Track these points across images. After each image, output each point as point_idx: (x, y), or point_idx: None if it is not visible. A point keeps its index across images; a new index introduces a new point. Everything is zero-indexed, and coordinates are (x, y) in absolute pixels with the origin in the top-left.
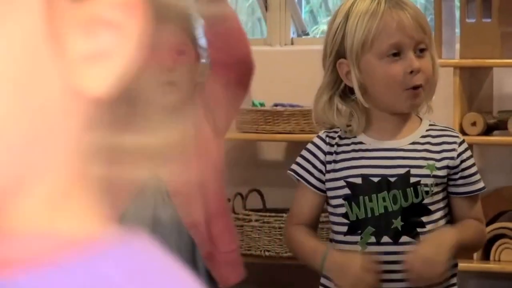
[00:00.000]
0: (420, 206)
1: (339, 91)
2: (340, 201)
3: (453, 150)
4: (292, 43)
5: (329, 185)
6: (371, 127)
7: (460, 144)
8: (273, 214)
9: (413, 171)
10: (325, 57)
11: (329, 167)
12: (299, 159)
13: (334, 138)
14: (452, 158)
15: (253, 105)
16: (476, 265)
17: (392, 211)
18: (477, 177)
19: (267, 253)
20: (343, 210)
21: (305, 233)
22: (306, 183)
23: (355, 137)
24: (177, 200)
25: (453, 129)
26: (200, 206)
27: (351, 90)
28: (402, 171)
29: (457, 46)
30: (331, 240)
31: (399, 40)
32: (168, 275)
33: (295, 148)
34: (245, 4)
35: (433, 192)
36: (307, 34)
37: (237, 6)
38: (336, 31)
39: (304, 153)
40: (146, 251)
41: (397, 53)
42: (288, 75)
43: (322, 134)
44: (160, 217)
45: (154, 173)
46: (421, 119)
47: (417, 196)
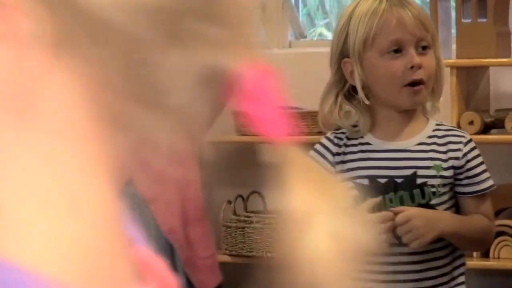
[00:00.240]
0: (427, 207)
1: (344, 91)
2: None
3: (459, 150)
4: (290, 46)
5: None
6: (377, 127)
7: (466, 143)
8: (274, 216)
9: (419, 172)
10: (331, 57)
11: (337, 167)
12: None
13: (342, 139)
14: (457, 158)
15: None
16: (475, 262)
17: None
18: (484, 176)
19: (268, 254)
20: None
21: None
22: None
23: (362, 137)
24: (154, 206)
25: (460, 129)
26: (177, 212)
27: (355, 90)
28: (408, 172)
29: (454, 46)
30: None
31: (399, 37)
32: None
33: None
34: None
35: (440, 193)
36: (305, 37)
37: None
38: (340, 32)
39: (312, 154)
40: None
41: (398, 50)
42: (287, 77)
43: (330, 135)
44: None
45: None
46: (428, 119)
47: (423, 197)
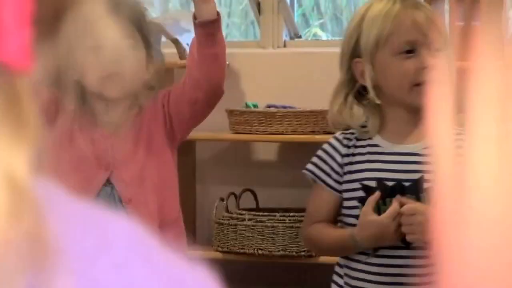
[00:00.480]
0: None
1: (354, 91)
2: (354, 203)
3: None
4: (285, 46)
5: (345, 186)
6: (386, 128)
7: None
8: (266, 214)
9: (427, 176)
10: (341, 57)
11: (345, 168)
12: (315, 160)
13: (351, 140)
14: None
15: (247, 106)
16: None
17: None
18: None
19: (260, 251)
20: (357, 212)
21: (326, 225)
22: (323, 184)
23: (370, 138)
24: (130, 207)
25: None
26: (153, 213)
27: (366, 90)
28: (416, 176)
29: None
30: None
31: (413, 38)
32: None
33: (287, 148)
34: (239, 8)
35: None
36: (300, 37)
37: (231, 9)
38: (352, 32)
39: (320, 153)
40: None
41: (410, 51)
42: (281, 77)
43: (339, 135)
44: None
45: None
46: None
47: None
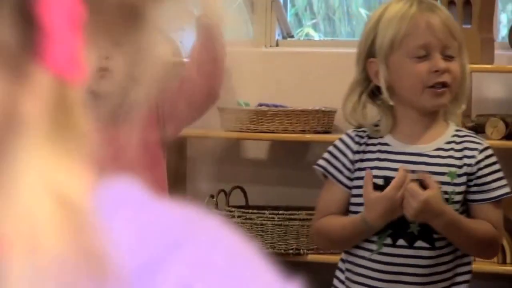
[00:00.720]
0: None
1: (368, 90)
2: (362, 199)
3: (473, 157)
4: (277, 45)
5: (354, 183)
6: (398, 128)
7: (482, 151)
8: (255, 211)
9: (434, 178)
10: (358, 56)
11: (356, 165)
12: (327, 156)
13: (363, 137)
14: (470, 165)
15: (238, 104)
16: (496, 267)
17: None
18: (495, 184)
19: None
20: (363, 208)
21: (335, 216)
22: (334, 180)
23: (382, 137)
24: None
25: (478, 136)
26: None
27: (379, 90)
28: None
29: None
30: None
31: (427, 42)
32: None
33: (278, 147)
34: (232, 6)
35: (453, 199)
36: (292, 37)
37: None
38: (368, 32)
39: (332, 150)
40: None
41: (424, 54)
42: (273, 76)
43: (352, 132)
44: None
45: None
46: (448, 124)
47: None
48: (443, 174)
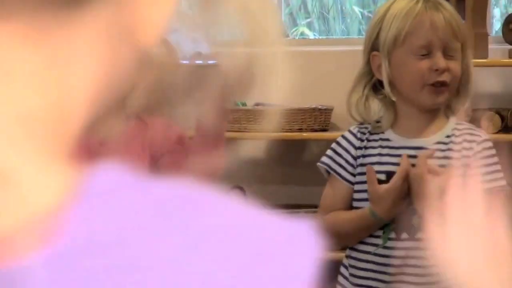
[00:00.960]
0: None
1: (370, 83)
2: (365, 195)
3: (470, 149)
4: None
5: (357, 179)
6: (399, 123)
7: (480, 143)
8: None
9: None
10: (363, 50)
11: (358, 161)
12: (330, 153)
13: (365, 134)
14: (467, 157)
15: (236, 104)
16: None
17: (412, 208)
18: (490, 176)
19: None
20: (367, 205)
21: (340, 211)
22: (338, 176)
23: (383, 133)
24: None
25: (477, 129)
26: None
27: (382, 84)
28: None
29: None
30: None
31: (430, 41)
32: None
33: (275, 146)
34: None
35: None
36: (287, 36)
37: None
38: (374, 26)
39: (335, 147)
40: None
41: (426, 53)
42: None
43: (354, 129)
44: None
45: None
46: (448, 119)
47: None
48: (442, 166)
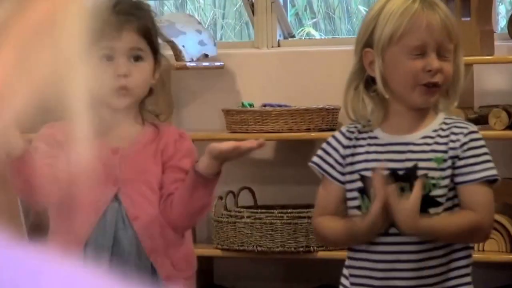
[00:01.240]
0: (427, 198)
1: (363, 80)
2: (355, 193)
3: (457, 140)
4: (279, 45)
5: (347, 178)
6: (388, 122)
7: (467, 134)
8: (264, 211)
9: (420, 164)
10: (356, 46)
11: (347, 160)
12: (320, 153)
13: (353, 133)
14: (455, 148)
15: (243, 106)
16: None
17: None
18: (479, 167)
19: (259, 248)
20: (356, 203)
21: (335, 218)
22: (329, 177)
23: (371, 131)
24: (137, 224)
25: (465, 122)
26: (159, 231)
27: (374, 81)
28: (410, 164)
29: None
30: None
31: (425, 42)
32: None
33: (283, 146)
34: (233, 9)
35: (440, 185)
36: (293, 36)
37: (225, 10)
38: (369, 22)
39: (325, 146)
40: None
41: (420, 53)
42: (276, 76)
43: (343, 128)
44: (120, 240)
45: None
46: (436, 115)
47: (424, 188)
48: (428, 160)
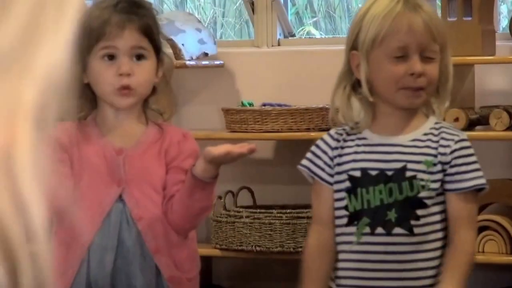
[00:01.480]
0: (415, 199)
1: (351, 83)
2: (342, 194)
3: (448, 146)
4: (279, 44)
5: (335, 178)
6: (376, 122)
7: (457, 142)
8: (263, 211)
9: (409, 165)
10: (345, 48)
11: (335, 161)
12: (310, 156)
13: (341, 135)
14: (444, 154)
15: (242, 105)
16: None
17: (388, 203)
18: (469, 175)
19: (257, 248)
20: (344, 203)
21: (318, 263)
22: (319, 179)
23: (360, 133)
24: (141, 224)
25: (456, 129)
26: (163, 231)
27: (360, 84)
28: (399, 165)
29: None
30: None
31: (407, 43)
32: None
33: (283, 146)
34: (233, 7)
35: (429, 187)
36: (294, 35)
37: (225, 9)
38: (355, 24)
39: (314, 149)
40: None
41: (403, 55)
42: (276, 75)
43: (332, 131)
44: (124, 240)
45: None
46: (427, 118)
47: (412, 189)
48: (418, 162)
